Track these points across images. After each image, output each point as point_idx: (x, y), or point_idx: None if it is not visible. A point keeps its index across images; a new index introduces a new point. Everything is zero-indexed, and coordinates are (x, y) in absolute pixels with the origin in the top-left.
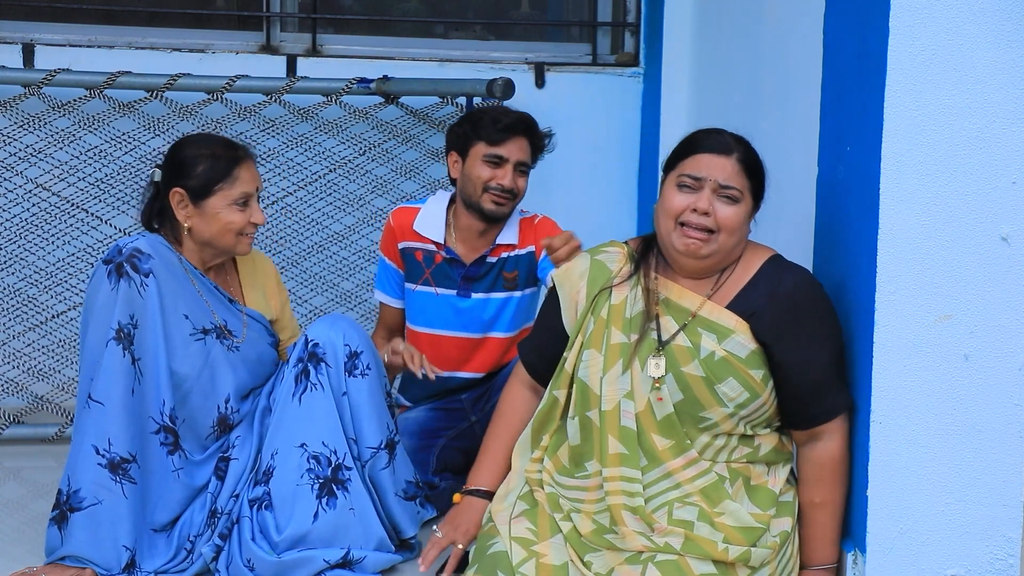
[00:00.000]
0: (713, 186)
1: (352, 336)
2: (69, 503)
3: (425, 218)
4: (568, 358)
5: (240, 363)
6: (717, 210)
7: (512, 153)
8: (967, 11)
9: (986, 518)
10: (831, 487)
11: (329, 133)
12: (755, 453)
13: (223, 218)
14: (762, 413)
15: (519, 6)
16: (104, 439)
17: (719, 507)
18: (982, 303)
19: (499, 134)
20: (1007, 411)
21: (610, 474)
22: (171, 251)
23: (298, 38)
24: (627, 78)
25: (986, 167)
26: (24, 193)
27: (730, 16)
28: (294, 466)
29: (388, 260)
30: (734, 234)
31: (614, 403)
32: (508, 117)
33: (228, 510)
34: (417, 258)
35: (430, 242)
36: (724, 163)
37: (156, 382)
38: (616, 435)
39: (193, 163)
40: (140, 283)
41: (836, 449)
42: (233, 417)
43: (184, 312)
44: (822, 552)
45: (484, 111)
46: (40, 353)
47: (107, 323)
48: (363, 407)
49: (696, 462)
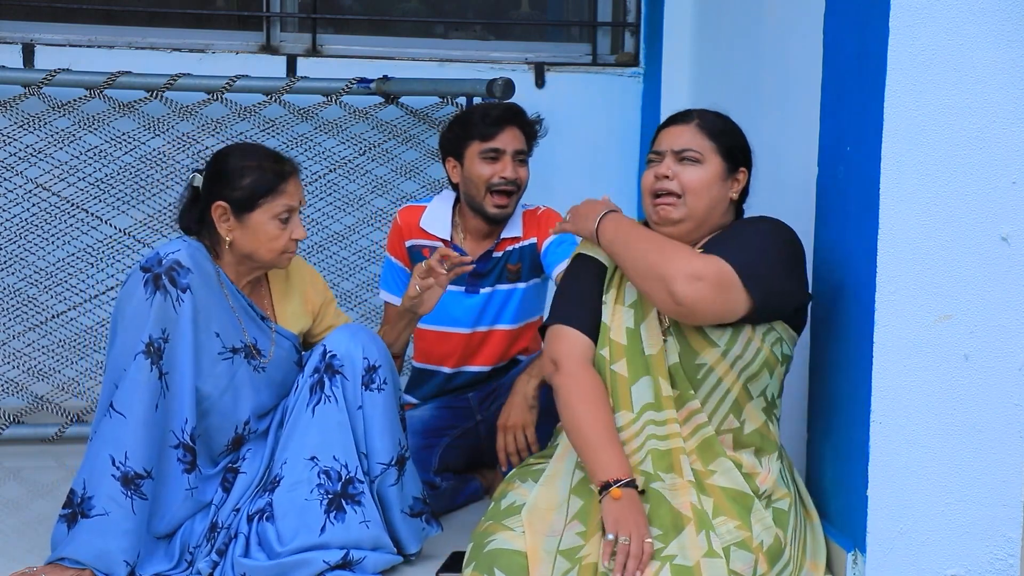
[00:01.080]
0: (671, 154)
1: (371, 349)
2: (81, 507)
3: (432, 216)
4: (609, 313)
5: (264, 385)
6: (679, 173)
7: (507, 143)
8: (967, 11)
9: (986, 518)
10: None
11: (329, 133)
12: (740, 430)
13: (265, 232)
14: (755, 356)
15: (519, 6)
16: (121, 451)
17: (713, 464)
18: (982, 303)
19: (490, 128)
20: (1007, 411)
21: (668, 416)
22: (211, 263)
23: (298, 38)
24: (627, 78)
25: (986, 167)
26: (24, 193)
27: (730, 16)
28: (303, 479)
29: (394, 259)
30: (701, 195)
31: (658, 346)
32: (496, 109)
33: (227, 524)
34: (424, 256)
35: (437, 239)
36: (681, 130)
37: (181, 400)
38: (665, 376)
39: (239, 175)
40: (176, 298)
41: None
42: (249, 437)
43: (216, 330)
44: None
45: (471, 111)
46: (40, 353)
47: (138, 334)
48: (377, 422)
49: (695, 414)
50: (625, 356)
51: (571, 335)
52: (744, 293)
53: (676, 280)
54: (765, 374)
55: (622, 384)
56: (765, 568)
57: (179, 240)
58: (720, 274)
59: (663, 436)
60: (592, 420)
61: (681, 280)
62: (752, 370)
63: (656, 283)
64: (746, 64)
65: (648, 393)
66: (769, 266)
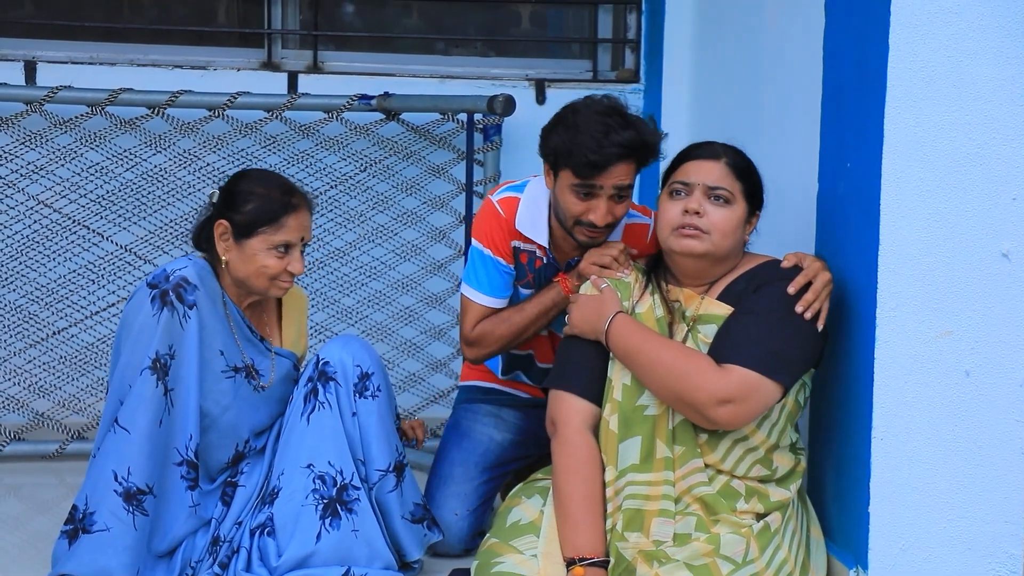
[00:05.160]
0: (703, 189)
1: (363, 357)
2: (83, 523)
3: (527, 216)
4: (613, 368)
5: (264, 404)
6: (709, 212)
7: (608, 180)
8: (967, 28)
9: (988, 534)
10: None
11: (330, 149)
12: (771, 475)
13: (259, 261)
14: (780, 412)
15: (520, 23)
16: (124, 467)
17: (717, 516)
18: (983, 319)
19: (593, 168)
20: (1009, 427)
21: (654, 479)
22: (216, 281)
23: (299, 55)
24: (628, 94)
25: (986, 183)
26: (25, 210)
27: (730, 33)
28: (299, 487)
29: (496, 256)
30: (728, 236)
31: (663, 406)
32: (607, 144)
33: (230, 538)
34: (523, 260)
35: (534, 244)
36: (712, 166)
37: (185, 416)
38: (663, 438)
39: (245, 199)
40: (183, 314)
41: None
42: (248, 454)
43: (220, 347)
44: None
45: (585, 124)
46: (41, 370)
47: (144, 350)
48: (372, 429)
49: (700, 471)
50: (618, 412)
51: (570, 401)
52: (772, 384)
53: (706, 409)
54: (789, 425)
55: (611, 441)
56: (756, 553)
57: (185, 258)
58: (745, 386)
59: (643, 497)
60: (575, 493)
61: (711, 409)
62: (780, 426)
63: (686, 409)
64: (746, 81)
65: (634, 453)
66: (785, 342)
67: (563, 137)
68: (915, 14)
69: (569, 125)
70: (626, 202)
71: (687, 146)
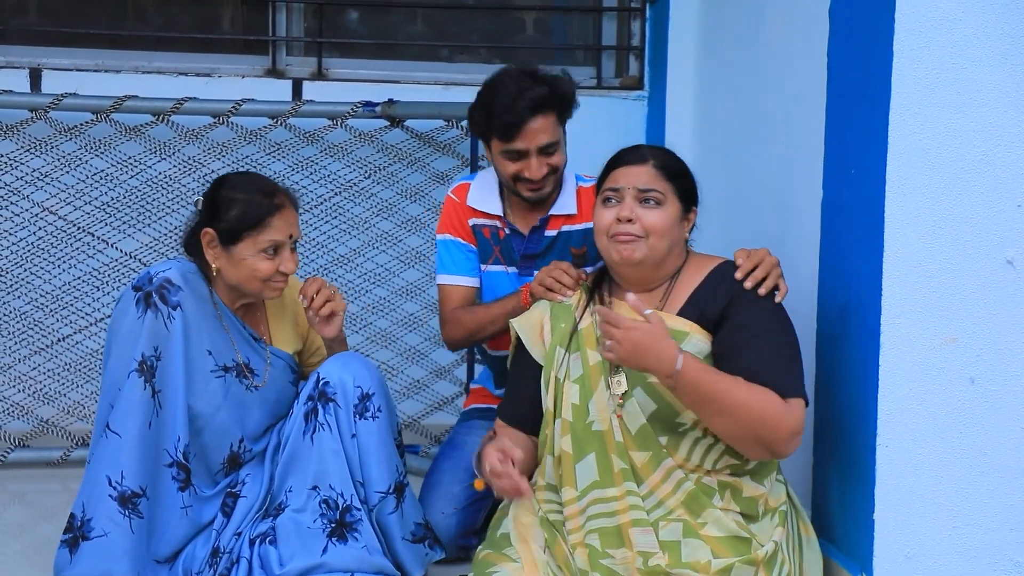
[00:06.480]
0: (633, 192)
1: (364, 377)
2: (82, 530)
3: (478, 193)
4: (549, 392)
5: (258, 404)
6: (642, 216)
7: (531, 140)
8: (971, 35)
9: (994, 542)
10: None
11: (334, 156)
12: (742, 466)
13: (249, 265)
14: None
15: (524, 30)
16: (118, 471)
17: (702, 516)
18: (988, 326)
19: (510, 129)
20: (1014, 434)
21: (618, 493)
22: (203, 282)
23: (304, 62)
24: (632, 101)
25: (991, 190)
26: (31, 217)
27: (734, 40)
28: (307, 508)
29: (456, 237)
30: (663, 236)
31: (607, 422)
32: (521, 101)
33: (229, 549)
34: (486, 235)
35: (493, 217)
36: (640, 170)
37: (174, 417)
38: (615, 452)
39: (227, 206)
40: (167, 315)
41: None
42: (245, 456)
43: (208, 347)
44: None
45: (496, 91)
46: (45, 377)
47: (131, 353)
48: (372, 450)
49: (673, 471)
50: (571, 433)
51: (510, 432)
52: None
53: (781, 445)
54: None
55: (567, 461)
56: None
57: (171, 260)
58: (803, 414)
59: (611, 512)
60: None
61: (785, 445)
62: None
63: (755, 447)
64: (750, 88)
65: (592, 471)
66: (795, 357)
67: (483, 104)
68: (919, 21)
69: (485, 95)
70: (558, 154)
71: (616, 152)
